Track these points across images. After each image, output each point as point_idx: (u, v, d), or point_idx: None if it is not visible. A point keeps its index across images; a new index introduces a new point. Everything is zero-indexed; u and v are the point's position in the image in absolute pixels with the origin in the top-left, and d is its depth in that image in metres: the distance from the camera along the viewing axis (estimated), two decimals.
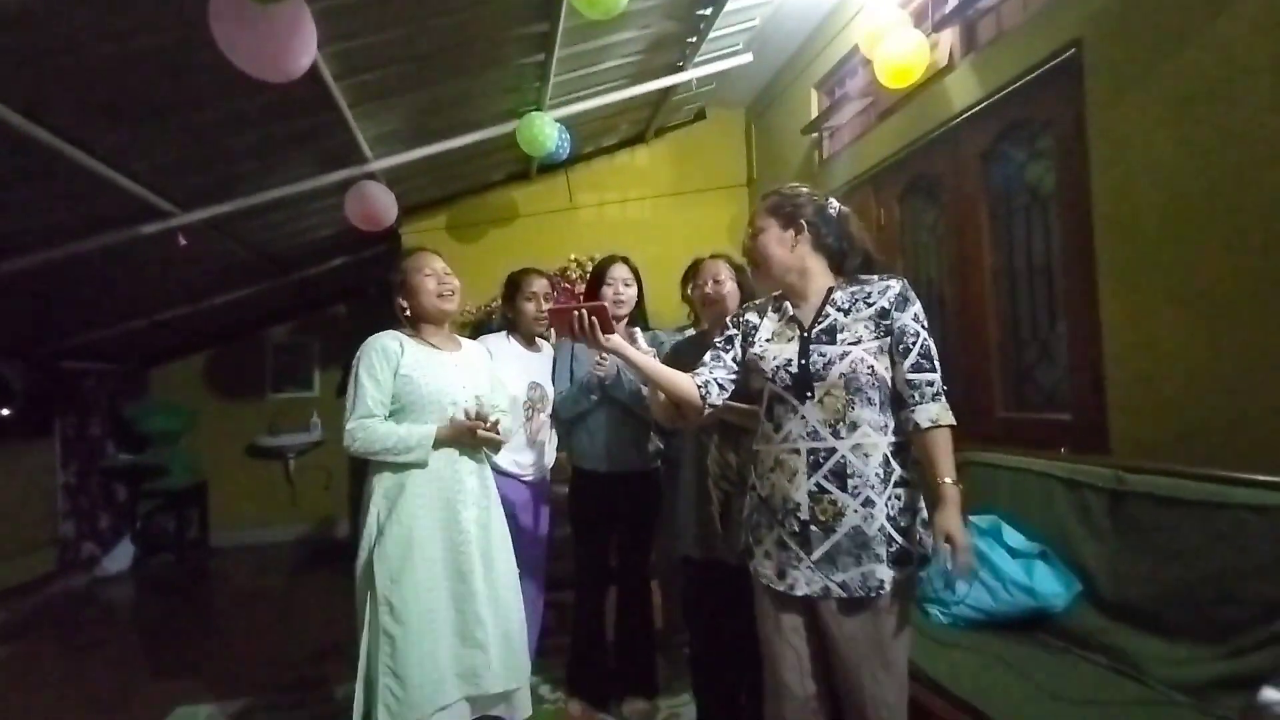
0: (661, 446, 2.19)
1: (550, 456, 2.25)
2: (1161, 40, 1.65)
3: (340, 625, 3.16)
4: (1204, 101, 1.56)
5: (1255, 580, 1.31)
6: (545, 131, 2.92)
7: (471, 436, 1.64)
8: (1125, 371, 1.79)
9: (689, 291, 2.42)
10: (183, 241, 2.65)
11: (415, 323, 1.75)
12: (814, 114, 3.49)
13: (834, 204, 1.47)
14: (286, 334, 5.21)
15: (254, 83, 1.67)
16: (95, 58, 1.71)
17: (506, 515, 2.03)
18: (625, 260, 2.20)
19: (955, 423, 1.33)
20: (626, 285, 2.15)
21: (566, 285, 3.72)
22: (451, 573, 1.65)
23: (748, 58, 3.43)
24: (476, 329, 3.66)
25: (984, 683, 1.48)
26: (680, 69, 3.32)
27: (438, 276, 1.71)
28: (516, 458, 2.10)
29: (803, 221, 1.42)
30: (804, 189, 1.48)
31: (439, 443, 1.63)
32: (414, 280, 1.71)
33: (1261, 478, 1.34)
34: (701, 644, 1.98)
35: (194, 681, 2.57)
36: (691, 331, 2.33)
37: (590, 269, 3.80)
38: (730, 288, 1.85)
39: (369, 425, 1.60)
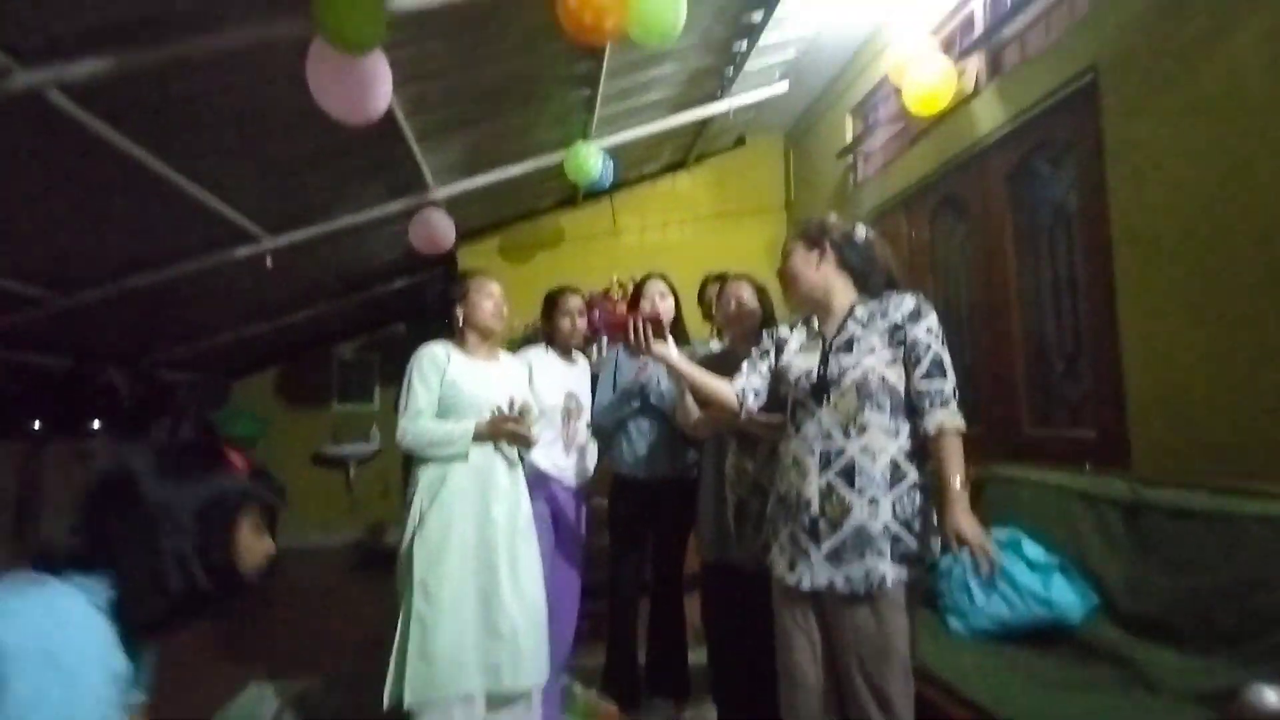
0: (697, 456, 2.31)
1: (590, 462, 2.40)
2: (1171, 62, 1.72)
3: (388, 621, 3.38)
4: (1216, 120, 1.62)
5: (1265, 591, 1.33)
6: (591, 160, 3.15)
7: (503, 431, 1.81)
8: (1145, 388, 1.82)
9: (710, 309, 2.57)
10: (269, 264, 2.98)
11: (465, 333, 1.95)
12: (849, 139, 3.61)
13: (860, 229, 1.59)
14: (352, 350, 5.61)
15: (336, 121, 1.94)
16: (213, 106, 2.03)
17: (548, 515, 2.20)
18: (662, 277, 2.37)
19: (964, 427, 1.40)
20: (662, 297, 2.30)
21: (609, 303, 3.93)
22: (480, 565, 1.80)
23: (784, 87, 3.60)
24: (523, 344, 3.90)
25: (994, 684, 1.53)
26: (718, 99, 3.51)
27: (495, 300, 1.93)
28: (556, 460, 2.25)
29: (826, 243, 1.54)
30: (831, 217, 1.61)
31: (477, 436, 1.80)
32: (475, 297, 1.92)
33: (1271, 489, 1.37)
34: (718, 646, 2.07)
35: (264, 662, 2.82)
36: (715, 345, 2.47)
37: (632, 289, 4.04)
38: (752, 307, 1.99)
39: (418, 424, 1.80)
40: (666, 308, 2.30)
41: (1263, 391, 1.50)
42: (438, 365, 1.85)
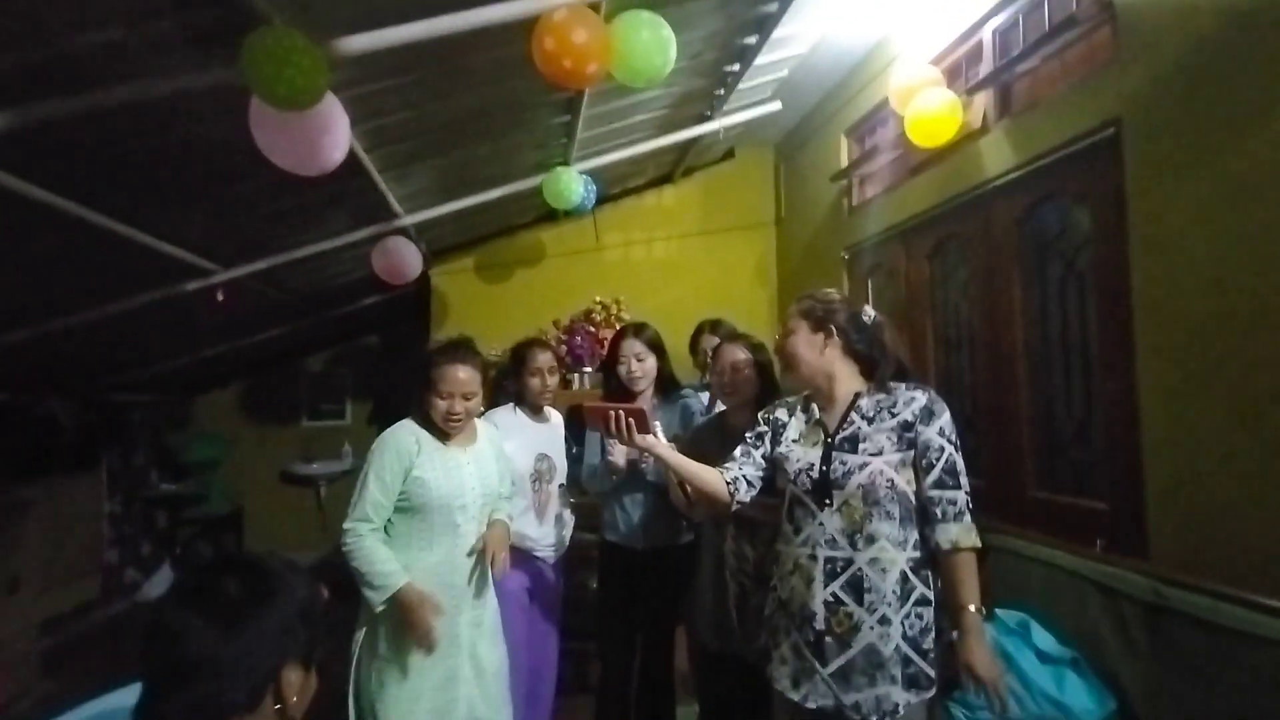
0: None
1: (567, 532, 2.25)
2: (1207, 132, 1.58)
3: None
4: (1250, 199, 1.48)
5: None
6: (571, 186, 2.95)
7: (414, 626, 1.61)
8: (1165, 468, 1.70)
9: (702, 360, 2.40)
10: (220, 297, 2.75)
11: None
12: (844, 161, 3.44)
13: (868, 311, 1.48)
14: (321, 364, 5.35)
15: None
16: (142, 149, 1.79)
17: (524, 594, 2.04)
18: (638, 333, 2.14)
19: (979, 545, 1.31)
20: (639, 360, 2.10)
21: (590, 329, 3.74)
22: (438, 681, 1.66)
23: (776, 106, 3.41)
24: (501, 374, 3.71)
25: None
26: (708, 118, 3.31)
27: (451, 402, 1.70)
28: (527, 531, 2.09)
29: (832, 326, 1.43)
30: (837, 295, 1.50)
31: (397, 596, 1.61)
32: (430, 392, 1.72)
33: None
34: None
35: None
36: (706, 398, 2.31)
37: (615, 311, 3.85)
38: (748, 374, 1.83)
39: (362, 539, 1.63)
40: (646, 369, 2.11)
41: None
42: (403, 458, 1.67)
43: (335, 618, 1.07)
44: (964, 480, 1.33)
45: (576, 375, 3.62)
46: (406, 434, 1.71)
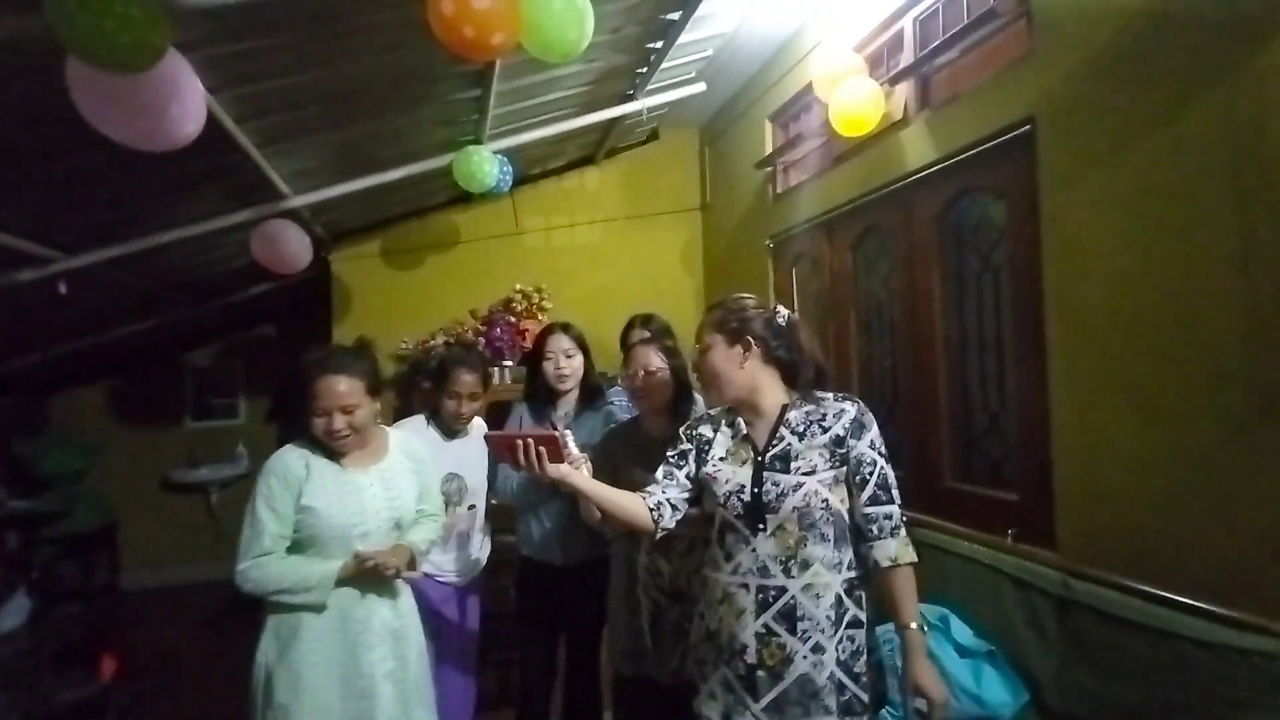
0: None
1: (478, 553, 2.09)
2: (1117, 131, 1.60)
3: None
4: (1157, 199, 1.52)
5: (1200, 716, 1.29)
6: (484, 168, 2.72)
7: (377, 573, 1.48)
8: (1072, 461, 1.76)
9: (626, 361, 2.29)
10: (63, 289, 2.34)
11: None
12: (768, 146, 3.39)
13: (783, 313, 1.41)
14: (208, 358, 4.81)
15: None
16: None
17: (429, 613, 1.87)
18: (565, 329, 2.05)
19: (916, 559, 1.29)
20: (568, 357, 2.00)
21: (511, 320, 3.54)
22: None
23: (701, 87, 3.30)
24: (414, 369, 3.44)
25: None
26: (631, 98, 3.16)
27: (329, 419, 1.48)
28: (433, 558, 1.91)
29: (749, 338, 1.35)
30: (750, 300, 1.41)
31: (342, 581, 1.46)
32: (309, 407, 1.49)
33: (1209, 608, 1.31)
34: None
35: None
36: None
37: (537, 300, 3.66)
38: (661, 378, 1.72)
39: (264, 564, 1.43)
40: (574, 367, 2.00)
41: (1195, 493, 1.45)
42: (290, 485, 1.46)
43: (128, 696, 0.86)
44: (896, 494, 1.31)
45: (497, 370, 3.42)
46: (294, 457, 1.50)
